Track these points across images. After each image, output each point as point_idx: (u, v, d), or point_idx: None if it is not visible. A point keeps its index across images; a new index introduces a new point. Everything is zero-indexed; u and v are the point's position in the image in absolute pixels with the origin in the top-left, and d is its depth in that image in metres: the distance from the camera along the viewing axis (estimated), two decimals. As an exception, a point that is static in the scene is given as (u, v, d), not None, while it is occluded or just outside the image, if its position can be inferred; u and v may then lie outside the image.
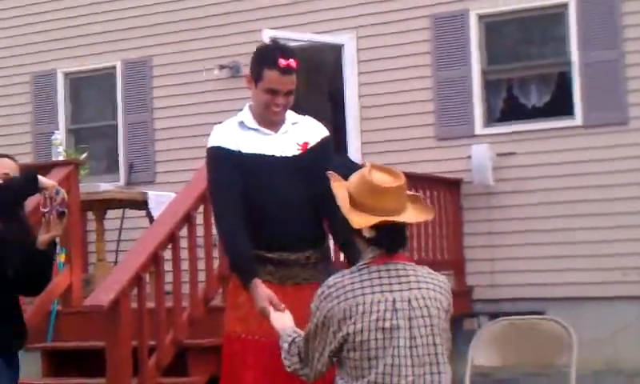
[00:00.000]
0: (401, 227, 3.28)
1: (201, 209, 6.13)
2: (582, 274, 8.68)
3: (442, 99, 9.43)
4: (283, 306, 3.71)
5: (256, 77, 3.98)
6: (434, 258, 8.58)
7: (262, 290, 3.78)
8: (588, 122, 8.87)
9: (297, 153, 4.02)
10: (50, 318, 6.53)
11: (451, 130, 9.37)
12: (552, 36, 9.36)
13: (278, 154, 3.99)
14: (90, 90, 11.22)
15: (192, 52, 10.40)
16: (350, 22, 9.78)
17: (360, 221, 3.24)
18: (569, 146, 8.89)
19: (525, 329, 4.74)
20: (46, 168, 6.79)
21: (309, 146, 4.05)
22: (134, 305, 5.62)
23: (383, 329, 3.18)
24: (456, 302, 9.57)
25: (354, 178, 3.32)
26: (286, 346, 3.46)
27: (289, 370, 3.43)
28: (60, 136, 8.33)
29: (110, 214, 8.50)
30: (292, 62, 3.94)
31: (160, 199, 7.85)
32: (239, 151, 3.97)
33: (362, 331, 3.18)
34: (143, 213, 8.27)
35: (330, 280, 3.31)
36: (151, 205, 7.94)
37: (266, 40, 8.97)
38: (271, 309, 3.71)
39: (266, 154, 3.98)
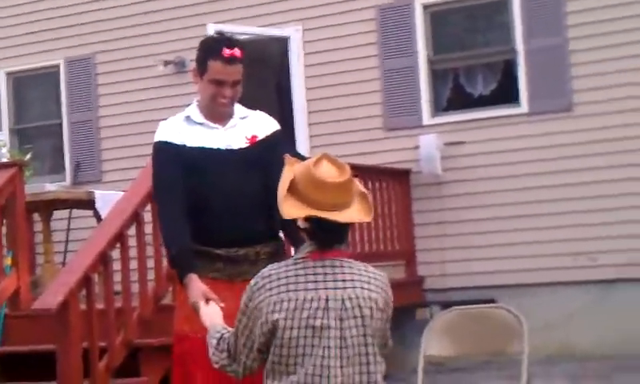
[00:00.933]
0: (337, 224, 3.16)
1: (149, 207, 6.06)
2: (532, 261, 8.76)
3: (389, 90, 9.45)
4: (222, 303, 3.65)
5: (201, 69, 3.95)
6: (384, 248, 8.61)
7: (196, 286, 3.75)
8: (533, 109, 8.94)
9: (243, 146, 3.98)
10: (-2, 322, 6.43)
11: (399, 120, 9.39)
12: (497, 24, 9.41)
13: (223, 148, 3.95)
14: (34, 88, 11.08)
15: (136, 48, 10.32)
16: (296, 15, 9.75)
17: (290, 211, 3.16)
18: (515, 134, 8.95)
19: (476, 317, 4.74)
20: (-10, 170, 6.68)
21: (257, 139, 4.02)
22: (83, 306, 5.55)
23: (313, 327, 3.10)
24: (407, 292, 9.62)
25: (302, 165, 3.23)
26: (214, 341, 3.36)
27: (216, 366, 3.34)
28: (3, 137, 8.23)
29: (57, 214, 8.40)
30: (236, 51, 3.92)
31: (107, 198, 7.76)
32: (184, 145, 3.94)
33: (291, 328, 3.11)
34: (91, 213, 8.17)
35: (265, 271, 3.22)
36: (98, 204, 7.84)
37: (211, 34, 8.92)
38: (201, 304, 3.66)
39: (212, 147, 3.94)
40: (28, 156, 8.16)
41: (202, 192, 3.89)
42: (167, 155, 3.94)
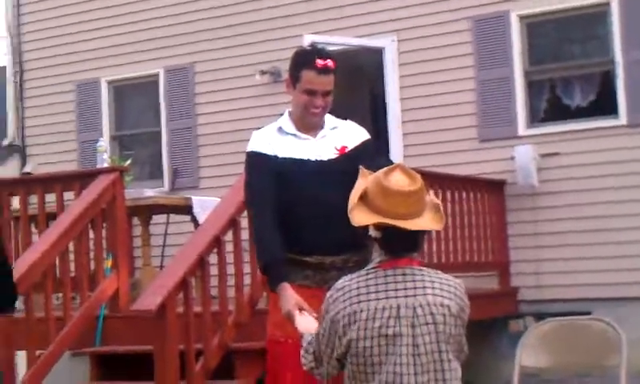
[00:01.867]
0: (409, 232, 3.18)
1: (245, 213, 6.14)
2: (629, 274, 8.60)
3: (484, 100, 9.40)
4: (314, 313, 3.69)
5: (294, 79, 4.03)
6: (478, 259, 8.55)
7: (289, 295, 3.82)
8: (633, 121, 8.79)
9: (333, 157, 4.04)
10: (98, 323, 6.58)
11: (494, 131, 9.33)
12: (594, 35, 9.29)
13: (313, 159, 4.02)
14: (134, 97, 11.32)
15: (234, 58, 10.46)
16: (391, 26, 9.77)
17: (359, 218, 3.21)
18: (613, 146, 8.81)
19: (573, 329, 4.70)
20: (92, 175, 6.86)
21: (347, 150, 4.07)
22: (181, 309, 5.65)
23: (386, 336, 3.13)
24: (501, 303, 9.53)
25: (374, 175, 3.27)
26: (305, 344, 3.45)
27: (305, 368, 3.42)
28: (104, 143, 8.39)
29: (155, 219, 8.56)
30: (329, 63, 3.98)
31: (204, 204, 7.89)
32: (275, 156, 4.01)
33: (364, 338, 3.14)
34: (188, 218, 8.31)
35: (339, 283, 3.27)
36: (196, 210, 7.97)
37: (307, 45, 9.00)
38: (297, 312, 3.73)
39: (302, 158, 4.01)
40: (128, 162, 8.32)
41: (292, 201, 3.96)
42: (259, 165, 4.02)
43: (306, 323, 3.65)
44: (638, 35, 8.82)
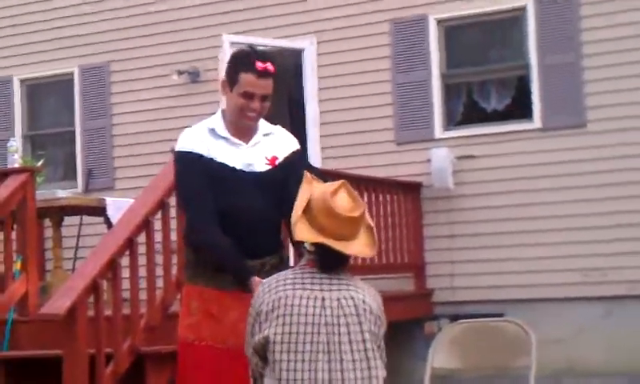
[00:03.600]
0: (342, 253, 3.33)
1: (159, 215, 6.06)
2: (542, 276, 8.73)
3: (401, 103, 9.44)
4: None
5: (231, 81, 3.95)
6: (394, 261, 8.59)
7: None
8: (547, 124, 8.92)
9: (264, 169, 3.99)
10: (6, 327, 6.43)
11: (411, 133, 9.38)
12: (511, 40, 9.41)
13: (244, 168, 3.96)
14: (47, 96, 11.12)
15: (151, 57, 10.35)
16: (310, 27, 9.77)
17: (301, 234, 3.33)
18: (528, 149, 8.93)
19: (484, 331, 4.75)
20: (2, 175, 6.70)
21: (277, 162, 4.03)
22: (91, 312, 5.55)
23: (313, 324, 3.23)
24: (416, 304, 9.59)
25: (320, 189, 3.36)
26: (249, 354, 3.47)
27: (256, 370, 3.43)
28: (16, 143, 8.21)
29: (68, 220, 8.42)
30: (269, 66, 3.94)
31: (119, 205, 7.76)
32: (211, 158, 3.94)
33: (290, 324, 3.24)
34: (101, 219, 8.18)
35: (266, 280, 3.42)
36: (110, 211, 7.85)
37: (226, 45, 8.94)
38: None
39: (235, 167, 3.95)
40: (40, 162, 8.17)
41: (219, 206, 3.90)
42: (196, 166, 3.93)
43: None
44: (552, 40, 8.95)
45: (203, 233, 3.93)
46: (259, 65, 3.90)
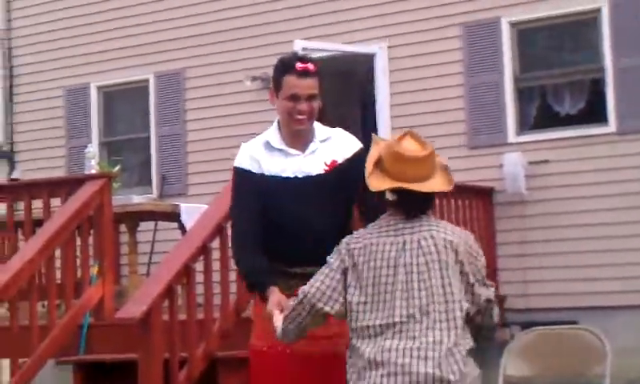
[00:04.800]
0: (422, 193, 3.44)
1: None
2: (616, 283, 8.60)
3: (474, 107, 9.39)
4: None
5: (277, 87, 3.98)
6: (466, 267, 8.51)
7: (274, 296, 3.82)
8: (622, 128, 8.79)
9: (322, 172, 3.99)
10: (82, 331, 6.55)
11: (483, 138, 9.32)
12: (585, 42, 9.29)
13: (300, 175, 3.97)
14: (123, 103, 11.30)
15: (224, 64, 10.45)
16: (382, 31, 9.77)
17: (376, 183, 3.46)
18: (602, 154, 8.80)
19: (558, 339, 4.71)
20: (79, 181, 6.83)
21: (336, 165, 4.01)
22: (166, 317, 5.62)
23: (395, 266, 3.37)
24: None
25: (386, 142, 3.54)
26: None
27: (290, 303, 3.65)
28: (93, 149, 8.38)
29: (143, 226, 8.53)
30: (309, 66, 3.94)
31: (192, 211, 7.85)
32: (261, 174, 3.98)
33: (374, 268, 3.40)
34: (175, 225, 8.28)
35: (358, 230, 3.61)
36: (183, 217, 7.94)
37: (298, 50, 8.99)
38: (276, 311, 3.73)
39: (289, 176, 3.97)
40: (117, 168, 8.29)
41: (278, 216, 3.94)
42: (243, 182, 3.99)
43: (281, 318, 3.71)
44: (627, 42, 8.82)
45: (232, 246, 4.05)
46: (299, 65, 3.92)
